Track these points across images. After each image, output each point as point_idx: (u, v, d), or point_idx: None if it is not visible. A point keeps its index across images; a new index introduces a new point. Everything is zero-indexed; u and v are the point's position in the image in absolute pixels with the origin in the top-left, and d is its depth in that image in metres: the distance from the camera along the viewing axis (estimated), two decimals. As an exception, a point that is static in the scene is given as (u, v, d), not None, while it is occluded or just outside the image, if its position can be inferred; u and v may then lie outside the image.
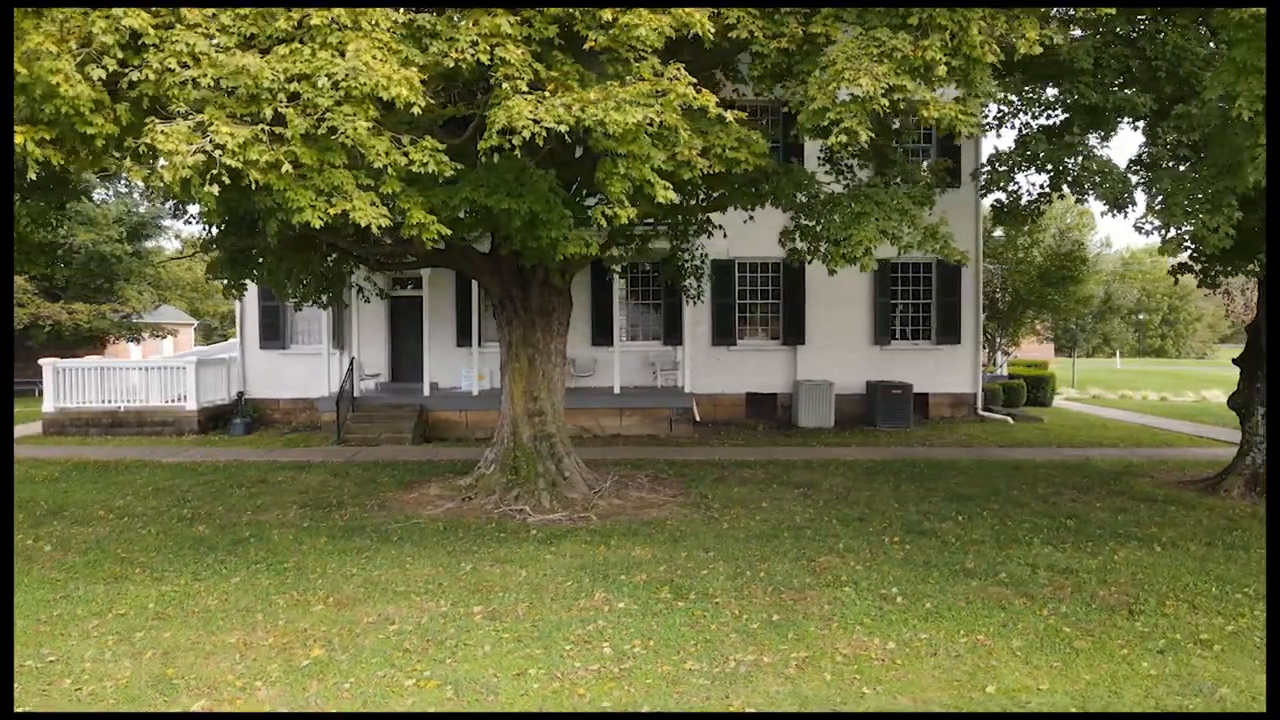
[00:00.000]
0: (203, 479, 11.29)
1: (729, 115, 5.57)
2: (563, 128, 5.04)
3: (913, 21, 5.64)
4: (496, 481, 10.18)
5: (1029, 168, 8.48)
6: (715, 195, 8.47)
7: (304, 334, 17.97)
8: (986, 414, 18.28)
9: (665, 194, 5.47)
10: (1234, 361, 11.44)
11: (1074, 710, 4.83)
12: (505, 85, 5.07)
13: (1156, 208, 6.88)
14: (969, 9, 5.59)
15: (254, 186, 4.78)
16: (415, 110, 4.92)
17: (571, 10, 5.33)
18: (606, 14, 5.21)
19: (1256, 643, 5.75)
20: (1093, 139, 8.70)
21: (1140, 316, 56.63)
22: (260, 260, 8.84)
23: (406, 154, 5.11)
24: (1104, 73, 7.59)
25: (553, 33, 5.43)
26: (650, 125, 5.01)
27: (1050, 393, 22.44)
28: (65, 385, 16.04)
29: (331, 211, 5.02)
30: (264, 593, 6.66)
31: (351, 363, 16.31)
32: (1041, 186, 9.05)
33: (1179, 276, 11.01)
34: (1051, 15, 6.40)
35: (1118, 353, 52.68)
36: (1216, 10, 5.91)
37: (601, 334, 17.38)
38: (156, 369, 16.37)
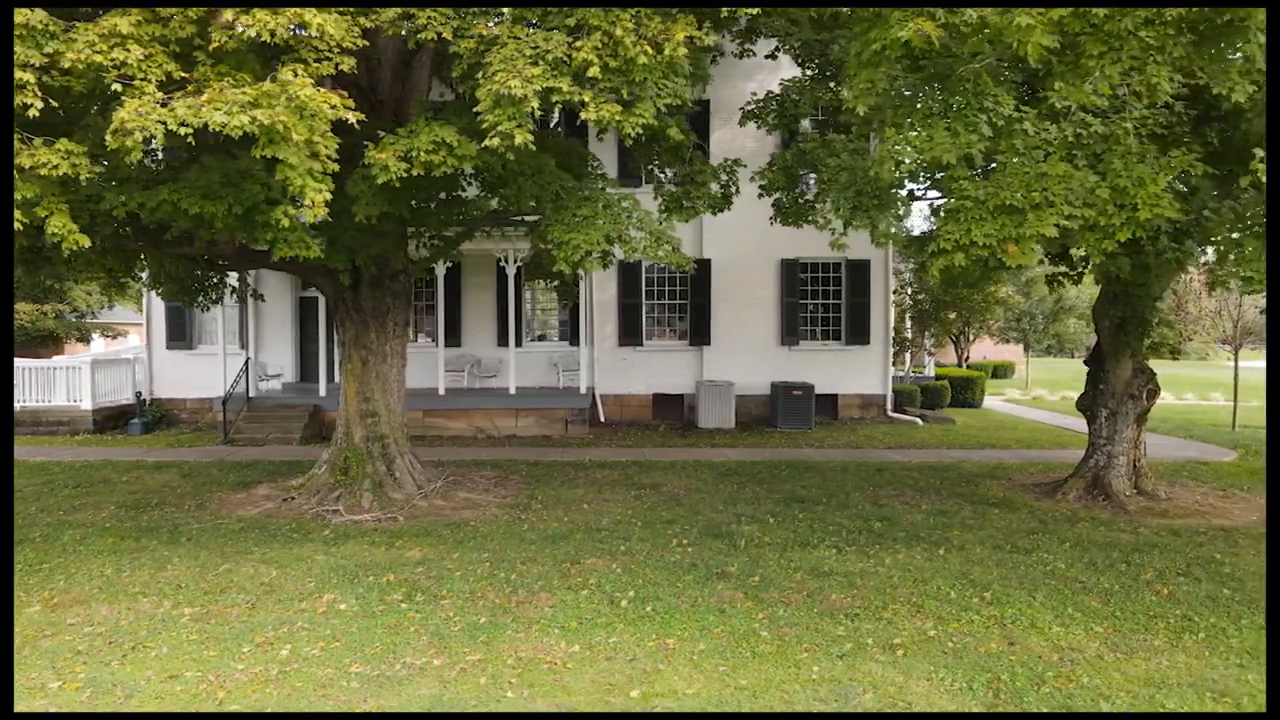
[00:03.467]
0: (47, 479, 11.32)
1: (351, 118, 5.53)
2: (185, 130, 5.02)
3: (569, 23, 5.59)
4: (324, 482, 10.18)
5: (803, 169, 8.42)
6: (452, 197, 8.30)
7: (211, 334, 17.96)
8: (897, 415, 18.18)
9: (317, 196, 5.44)
10: (1085, 362, 11.35)
11: (735, 711, 4.79)
12: (116, 86, 5.07)
13: (829, 204, 6.81)
14: (622, 9, 5.54)
15: None
16: (31, 113, 4.92)
17: (186, 11, 5.31)
18: (228, 14, 5.20)
19: (947, 648, 5.69)
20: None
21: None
22: (49, 258, 8.86)
23: (33, 155, 5.11)
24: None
25: (190, 33, 5.42)
26: (260, 126, 4.99)
27: (979, 394, 22.31)
28: (-37, 385, 16.10)
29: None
30: (-8, 593, 6.66)
31: (246, 363, 16.34)
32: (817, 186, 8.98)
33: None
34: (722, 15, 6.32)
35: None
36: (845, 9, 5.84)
37: (506, 335, 17.35)
38: (56, 369, 16.43)
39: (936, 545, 8.18)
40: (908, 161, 5.10)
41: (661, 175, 9.65)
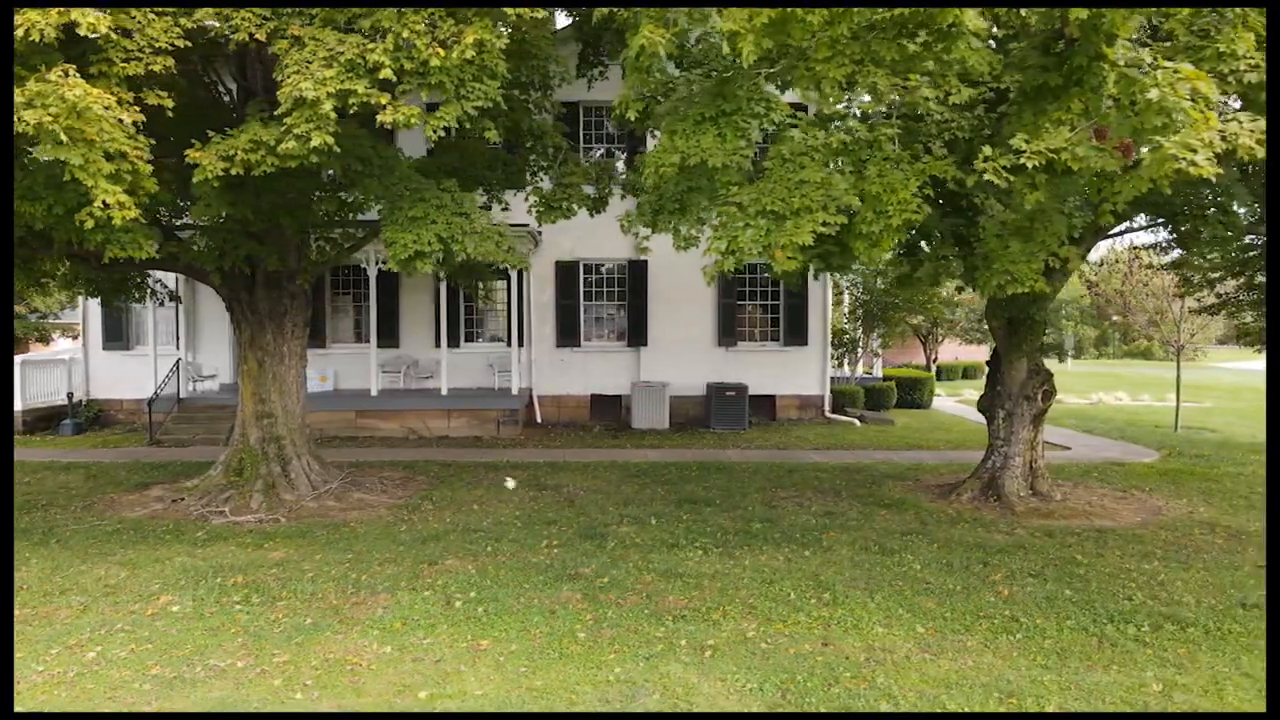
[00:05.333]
0: (-52, 480, 11.29)
1: (126, 117, 5.53)
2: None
3: (366, 25, 5.61)
4: (216, 483, 10.17)
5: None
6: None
7: (149, 335, 17.94)
8: (835, 417, 18.20)
9: (110, 198, 5.44)
10: (986, 363, 11.38)
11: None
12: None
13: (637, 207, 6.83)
14: (415, 10, 5.55)
15: None
16: None
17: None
18: None
19: (759, 650, 5.70)
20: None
21: (1114, 318, 56.31)
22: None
23: None
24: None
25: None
26: (31, 126, 4.99)
27: (928, 394, 22.35)
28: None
29: None
30: None
31: (177, 363, 16.33)
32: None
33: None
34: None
35: (1069, 354, 52.53)
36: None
37: (446, 336, 17.32)
38: (-13, 370, 16.36)
39: (805, 547, 8.19)
40: (669, 167, 5.10)
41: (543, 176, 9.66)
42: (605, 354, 18.01)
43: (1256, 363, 52.10)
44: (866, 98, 4.90)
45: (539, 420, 17.60)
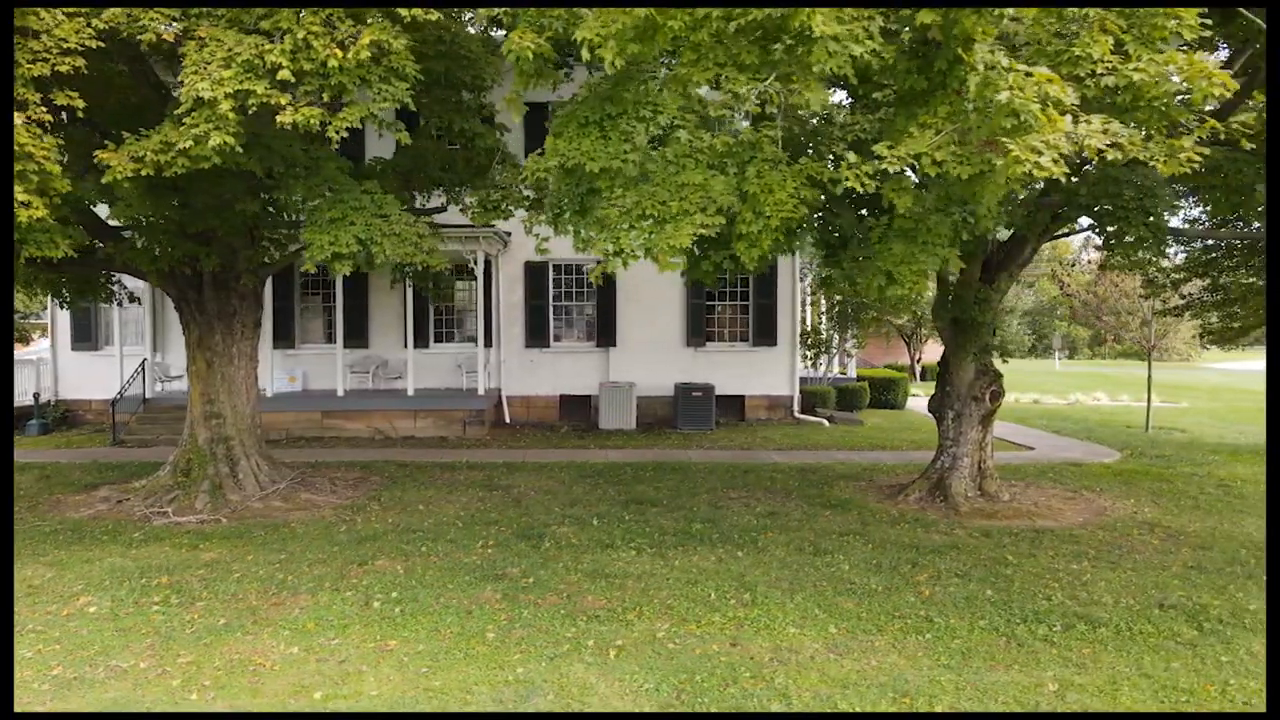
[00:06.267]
0: (-101, 480, 11.28)
1: (18, 119, 5.55)
2: None
3: (266, 26, 5.63)
4: (164, 484, 10.18)
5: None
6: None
7: (118, 335, 17.93)
8: (804, 417, 18.22)
9: (18, 198, 5.47)
10: (938, 364, 11.40)
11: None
12: None
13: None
14: (314, 11, 5.57)
15: None
16: None
17: None
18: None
19: (665, 650, 5.71)
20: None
21: (1105, 319, 56.40)
22: None
23: None
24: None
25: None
26: None
27: (902, 395, 22.39)
28: None
29: None
30: None
31: (142, 364, 16.33)
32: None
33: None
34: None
35: (1056, 355, 52.70)
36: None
37: (415, 337, 17.32)
38: (-47, 370, 16.35)
39: (739, 547, 8.20)
40: (544, 171, 5.13)
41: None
42: (574, 354, 18.02)
43: (1245, 363, 52.34)
44: (757, 101, 4.91)
45: (508, 421, 17.61)
